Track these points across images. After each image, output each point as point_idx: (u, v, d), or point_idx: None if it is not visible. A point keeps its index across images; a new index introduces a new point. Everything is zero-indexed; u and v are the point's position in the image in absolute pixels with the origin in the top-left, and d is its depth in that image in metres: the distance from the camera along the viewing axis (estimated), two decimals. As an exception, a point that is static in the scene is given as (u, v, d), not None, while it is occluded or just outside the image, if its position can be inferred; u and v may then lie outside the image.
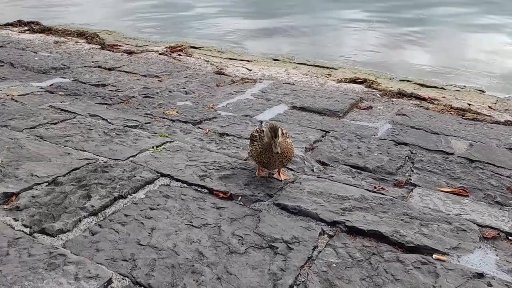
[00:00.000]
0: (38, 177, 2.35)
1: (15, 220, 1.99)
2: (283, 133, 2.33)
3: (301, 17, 9.26)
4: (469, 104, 4.20)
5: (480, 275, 1.79)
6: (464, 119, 3.71)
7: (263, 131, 2.38)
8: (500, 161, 2.89)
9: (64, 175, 2.40)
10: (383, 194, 2.41)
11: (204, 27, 8.35)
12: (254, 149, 2.38)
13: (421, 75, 5.54)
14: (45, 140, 2.86)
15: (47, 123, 3.15)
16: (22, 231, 1.93)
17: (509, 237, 2.08)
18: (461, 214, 2.25)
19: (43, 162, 2.53)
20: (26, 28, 7.10)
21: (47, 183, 2.31)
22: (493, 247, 2.00)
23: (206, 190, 2.36)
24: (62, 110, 3.45)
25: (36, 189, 2.25)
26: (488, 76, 5.62)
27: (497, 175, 2.71)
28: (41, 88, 4.06)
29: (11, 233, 1.90)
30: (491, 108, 4.14)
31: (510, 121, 3.73)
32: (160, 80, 4.53)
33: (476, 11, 9.29)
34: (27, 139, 2.83)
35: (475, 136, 3.30)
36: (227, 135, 3.15)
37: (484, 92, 4.89)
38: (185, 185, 2.41)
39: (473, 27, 8.35)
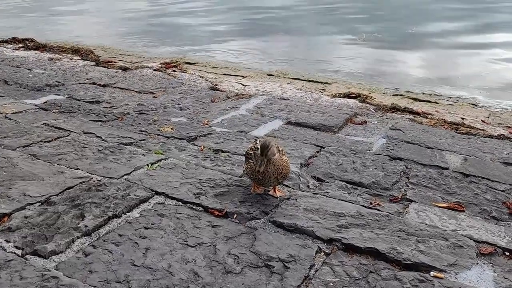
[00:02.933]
0: (30, 196, 2.32)
1: (7, 241, 1.96)
2: (279, 150, 2.33)
3: (295, 33, 9.36)
4: (463, 118, 4.23)
5: (478, 293, 1.78)
6: (458, 133, 3.73)
7: (257, 148, 2.37)
8: (494, 176, 2.90)
9: (57, 195, 2.37)
10: (379, 210, 2.41)
11: (199, 42, 8.41)
12: (249, 166, 2.37)
13: (414, 88, 5.59)
14: (39, 159, 2.83)
15: (41, 141, 3.13)
16: (14, 253, 1.90)
17: (506, 253, 2.07)
18: (457, 230, 2.24)
19: (36, 181, 2.50)
20: (20, 45, 7.11)
21: (40, 203, 2.28)
22: (490, 263, 2.00)
23: (201, 208, 2.34)
24: (56, 127, 3.43)
25: (29, 209, 2.22)
26: (480, 89, 5.67)
27: (492, 189, 2.72)
28: (35, 105, 4.05)
29: (3, 255, 1.86)
30: (484, 122, 4.17)
31: (503, 135, 3.75)
32: (155, 97, 4.54)
33: (466, 27, 9.46)
34: (20, 158, 2.81)
35: (469, 151, 3.31)
36: (222, 151, 3.14)
37: (476, 105, 4.93)
38: (180, 203, 2.39)
39: (464, 42, 8.47)
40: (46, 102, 4.18)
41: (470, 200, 2.58)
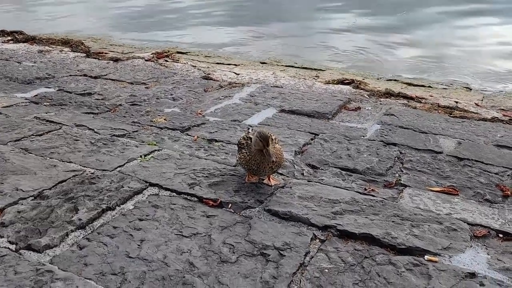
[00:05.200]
0: (23, 191, 2.31)
1: (1, 237, 1.95)
2: (272, 139, 2.31)
3: (288, 20, 9.28)
4: (456, 102, 4.23)
5: (472, 275, 1.79)
6: (452, 117, 3.74)
7: (250, 138, 2.36)
8: (488, 158, 2.91)
9: (50, 188, 2.35)
10: (373, 196, 2.41)
11: (191, 31, 8.32)
12: (242, 156, 2.36)
13: (407, 73, 5.58)
14: (30, 153, 2.81)
15: (32, 135, 3.10)
16: (8, 248, 1.89)
17: (499, 235, 2.08)
18: (451, 214, 2.25)
19: (29, 176, 2.48)
20: (9, 38, 7.00)
21: (33, 197, 2.27)
22: (484, 245, 2.01)
23: (195, 199, 2.33)
24: (47, 121, 3.40)
25: (22, 204, 2.20)
26: (474, 72, 5.67)
27: (486, 172, 2.73)
28: (26, 99, 4.00)
29: (-4, 251, 1.85)
30: (478, 105, 4.17)
31: (496, 117, 3.76)
32: (147, 87, 4.50)
33: (460, 9, 9.41)
34: (12, 152, 2.78)
35: (463, 134, 3.32)
36: (216, 141, 3.13)
37: (470, 89, 4.93)
38: (174, 194, 2.38)
39: (457, 23, 8.44)
40: (36, 95, 4.13)
41: (464, 184, 2.59)
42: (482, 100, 4.39)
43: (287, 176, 2.62)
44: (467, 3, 10.13)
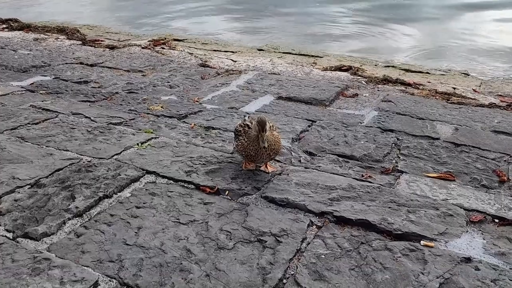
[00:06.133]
0: (20, 179, 2.30)
1: (-2, 225, 1.95)
2: (270, 126, 2.31)
3: (285, 5, 9.19)
4: (454, 88, 4.22)
5: (468, 260, 1.80)
6: (449, 103, 3.73)
7: (247, 125, 2.35)
8: (485, 144, 2.91)
9: (46, 177, 2.35)
10: (370, 182, 2.42)
11: (188, 18, 8.24)
12: (240, 143, 2.36)
13: (405, 59, 5.55)
14: (27, 141, 2.80)
15: (28, 123, 3.08)
16: (5, 236, 1.89)
17: (495, 220, 2.09)
18: (448, 199, 2.26)
19: (25, 164, 2.47)
20: (4, 25, 6.92)
21: (30, 186, 2.26)
22: (480, 230, 2.02)
23: (192, 186, 2.33)
24: (43, 109, 3.38)
25: (19, 192, 2.20)
26: (472, 58, 5.64)
27: (483, 158, 2.73)
28: (22, 87, 3.97)
29: (-6, 239, 1.86)
30: (476, 91, 4.16)
31: (494, 103, 3.75)
32: (143, 75, 4.47)
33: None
34: (8, 141, 2.77)
35: (460, 120, 3.31)
36: (213, 128, 3.12)
37: (468, 75, 4.91)
38: (171, 181, 2.38)
39: (456, 10, 8.38)
40: (32, 83, 4.10)
41: (460, 170, 2.59)
42: (480, 86, 4.38)
43: (284, 163, 2.62)
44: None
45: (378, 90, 4.03)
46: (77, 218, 2.03)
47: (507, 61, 5.67)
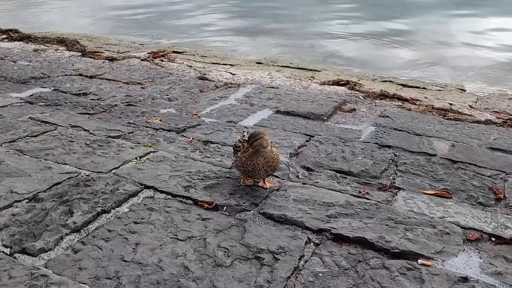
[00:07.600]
0: (18, 193, 2.30)
1: (-5, 240, 1.95)
2: (270, 142, 2.33)
3: (284, 20, 9.28)
4: (451, 104, 4.26)
5: (465, 279, 1.81)
6: (446, 119, 3.76)
7: (246, 140, 2.37)
8: (481, 161, 2.93)
9: (44, 191, 2.35)
10: (368, 199, 2.43)
11: (188, 31, 8.31)
12: (238, 159, 2.37)
13: (402, 74, 5.60)
14: (25, 154, 2.80)
15: (27, 136, 3.09)
16: (2, 251, 1.88)
17: (492, 239, 2.10)
18: (444, 217, 2.27)
19: (23, 178, 2.48)
20: (4, 36, 6.95)
21: (28, 200, 2.26)
22: (477, 249, 2.03)
23: (191, 201, 2.34)
24: (42, 121, 3.39)
25: (16, 207, 2.20)
26: (468, 74, 5.70)
27: (479, 175, 2.75)
28: (21, 99, 3.98)
29: (-9, 255, 1.85)
30: (472, 107, 4.20)
31: (490, 120, 3.79)
32: (143, 87, 4.49)
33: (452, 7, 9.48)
34: (6, 154, 2.77)
35: (456, 137, 3.34)
36: (211, 142, 3.13)
37: (465, 90, 4.96)
38: (170, 196, 2.38)
39: (452, 25, 8.49)
40: (32, 95, 4.11)
41: (457, 187, 2.61)
42: (476, 102, 4.42)
43: (282, 179, 2.63)
44: (462, 5, 10.18)
45: (376, 105, 4.07)
46: (74, 234, 2.03)
47: (502, 76, 5.73)
